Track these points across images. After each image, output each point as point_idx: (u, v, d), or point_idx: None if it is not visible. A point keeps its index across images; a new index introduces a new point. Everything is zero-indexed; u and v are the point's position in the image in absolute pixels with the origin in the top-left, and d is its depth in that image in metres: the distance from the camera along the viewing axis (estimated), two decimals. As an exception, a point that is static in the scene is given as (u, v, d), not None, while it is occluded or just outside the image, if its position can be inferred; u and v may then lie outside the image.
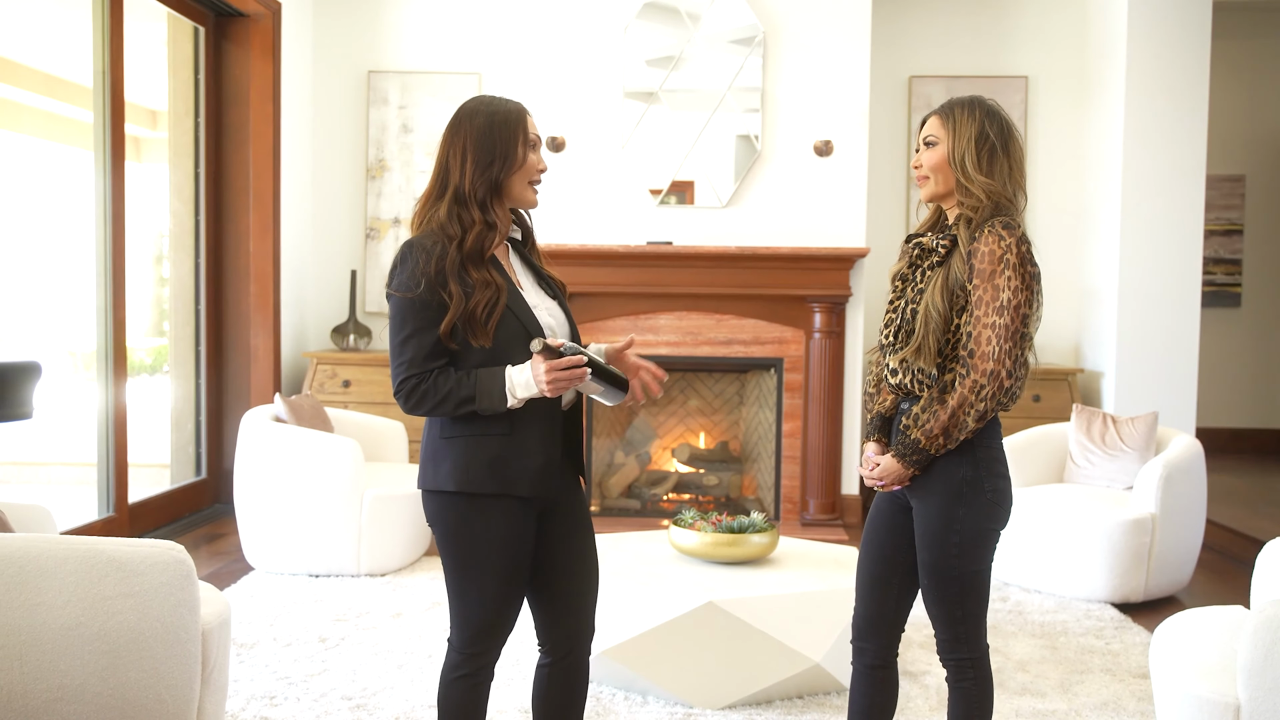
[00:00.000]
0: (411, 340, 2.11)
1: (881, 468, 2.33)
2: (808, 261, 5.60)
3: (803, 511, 5.72)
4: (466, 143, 2.15)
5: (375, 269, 6.44)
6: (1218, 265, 8.01)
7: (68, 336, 5.30)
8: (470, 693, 2.20)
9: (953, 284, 2.24)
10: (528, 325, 2.16)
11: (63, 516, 4.46)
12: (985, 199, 2.25)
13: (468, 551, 2.16)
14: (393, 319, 2.15)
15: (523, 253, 2.32)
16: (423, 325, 2.11)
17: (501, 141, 2.16)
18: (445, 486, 2.15)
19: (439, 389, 2.11)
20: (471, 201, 2.14)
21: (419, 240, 2.14)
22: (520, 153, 2.18)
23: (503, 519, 2.15)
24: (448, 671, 2.22)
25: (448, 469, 2.15)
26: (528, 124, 2.20)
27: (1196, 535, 4.61)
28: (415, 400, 2.13)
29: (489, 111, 2.18)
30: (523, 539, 2.18)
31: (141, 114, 5.75)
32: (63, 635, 2.21)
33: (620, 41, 5.75)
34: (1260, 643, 2.26)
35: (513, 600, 2.20)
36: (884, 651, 2.42)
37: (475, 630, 2.18)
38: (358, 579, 4.60)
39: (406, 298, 2.11)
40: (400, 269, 2.13)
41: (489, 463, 2.13)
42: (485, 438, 2.14)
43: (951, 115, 2.30)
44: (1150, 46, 5.87)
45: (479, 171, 2.14)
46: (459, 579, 2.18)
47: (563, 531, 2.27)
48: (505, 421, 2.14)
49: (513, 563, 2.17)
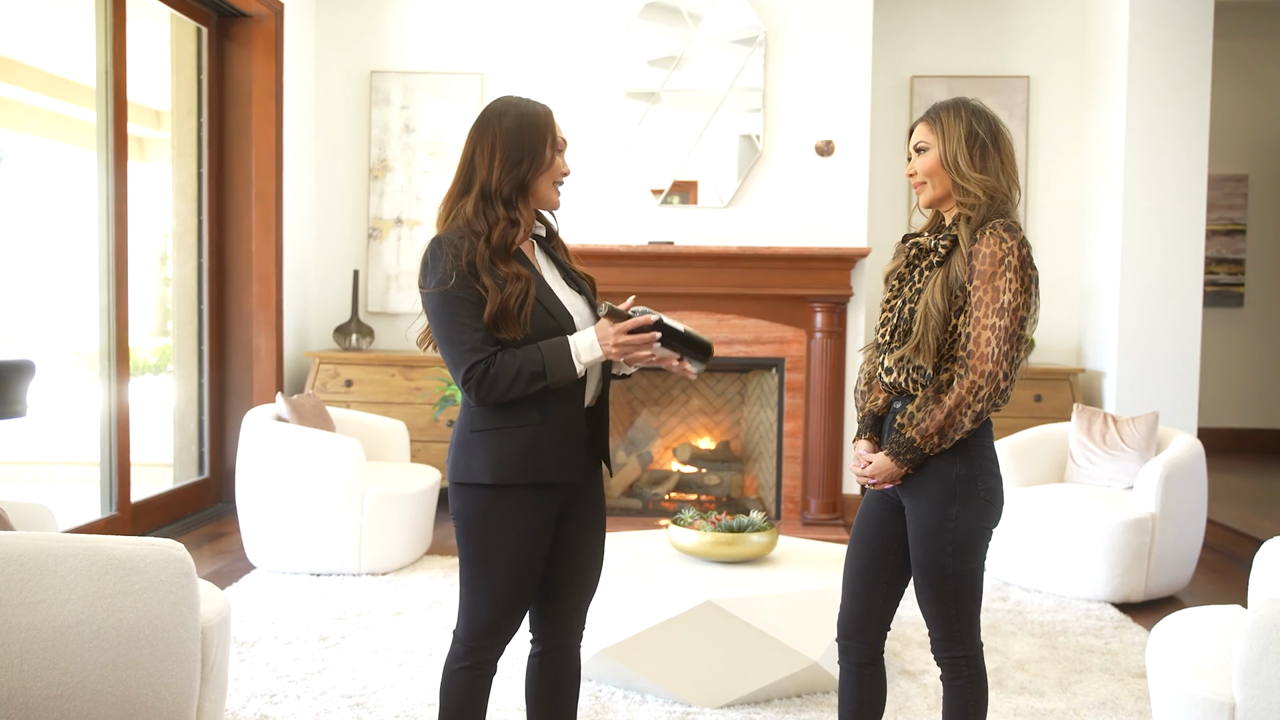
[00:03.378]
0: (465, 329, 2.10)
1: (874, 466, 2.33)
2: (809, 261, 5.61)
3: (804, 511, 5.73)
4: (495, 141, 2.16)
5: (377, 269, 6.45)
6: (1220, 265, 8.01)
7: (71, 336, 5.32)
8: (472, 684, 2.21)
9: (953, 283, 2.25)
10: (558, 317, 2.17)
11: (65, 515, 4.49)
12: (983, 195, 2.26)
13: (487, 545, 2.16)
14: (436, 316, 2.14)
15: (549, 249, 2.33)
16: (469, 315, 2.10)
17: (530, 141, 2.17)
18: (480, 479, 2.15)
19: (508, 367, 2.09)
20: (497, 199, 2.15)
21: (446, 237, 2.15)
22: (548, 154, 2.19)
23: (527, 514, 2.16)
24: (451, 662, 2.23)
25: (482, 462, 2.15)
26: (555, 127, 2.21)
27: (1197, 535, 4.61)
28: (488, 384, 2.10)
29: (519, 112, 2.19)
30: (542, 537, 2.19)
31: (145, 114, 5.77)
32: (63, 633, 2.22)
33: (622, 41, 5.76)
34: (1256, 642, 2.27)
35: (523, 599, 2.21)
36: (870, 649, 2.43)
37: (483, 625, 2.19)
38: (359, 578, 4.61)
39: (446, 292, 2.10)
40: (433, 266, 2.13)
41: (522, 453, 2.14)
42: (518, 429, 2.14)
43: (938, 119, 2.31)
44: (1152, 46, 5.87)
45: (506, 170, 2.15)
46: (473, 573, 2.19)
47: (578, 527, 2.29)
48: (535, 412, 2.14)
49: (529, 561, 2.18)
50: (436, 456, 6.01)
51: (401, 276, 6.45)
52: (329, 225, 6.52)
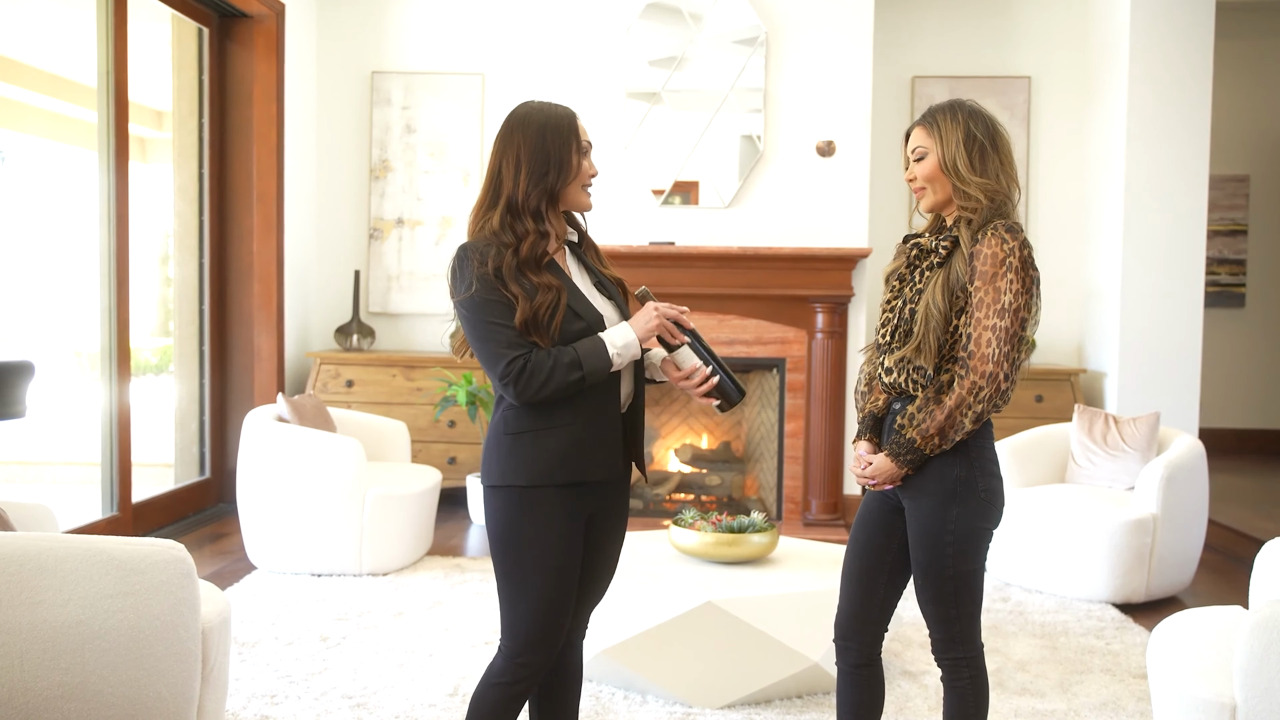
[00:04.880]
0: (498, 328, 2.09)
1: (874, 466, 2.33)
2: (810, 262, 5.61)
3: (805, 512, 5.73)
4: (520, 153, 2.14)
5: (378, 269, 6.45)
6: (1222, 265, 8.00)
7: (73, 336, 5.32)
8: (506, 702, 2.18)
9: (954, 284, 2.24)
10: (587, 318, 2.16)
11: (67, 516, 4.49)
12: (984, 198, 2.25)
13: (522, 550, 2.14)
14: (470, 321, 2.12)
15: (579, 254, 2.31)
16: (501, 315, 2.09)
17: (555, 150, 2.14)
18: (514, 481, 2.14)
19: (544, 362, 2.08)
20: (525, 212, 2.13)
21: (473, 244, 2.13)
22: (575, 161, 2.16)
23: (560, 517, 2.14)
24: (490, 675, 2.19)
25: (516, 464, 2.13)
26: (579, 130, 2.19)
27: (1198, 536, 4.61)
28: (526, 378, 2.07)
29: (542, 120, 2.16)
30: (576, 540, 2.18)
31: (147, 114, 5.77)
32: (63, 633, 2.22)
33: (623, 42, 5.76)
34: (1257, 643, 2.26)
35: (562, 606, 2.17)
36: (868, 650, 2.42)
37: (523, 637, 2.15)
38: (360, 578, 4.61)
39: (475, 296, 2.09)
40: (461, 273, 2.12)
41: (556, 455, 2.13)
42: (552, 430, 2.13)
43: (935, 123, 2.31)
44: (1153, 46, 5.87)
45: (533, 182, 2.13)
46: (510, 583, 2.17)
47: (602, 530, 2.28)
48: (569, 413, 2.13)
49: (565, 565, 2.16)
50: (437, 457, 6.02)
51: (402, 277, 6.45)
52: (330, 225, 6.52)
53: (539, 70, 6.18)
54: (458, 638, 3.87)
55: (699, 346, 2.22)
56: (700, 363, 2.22)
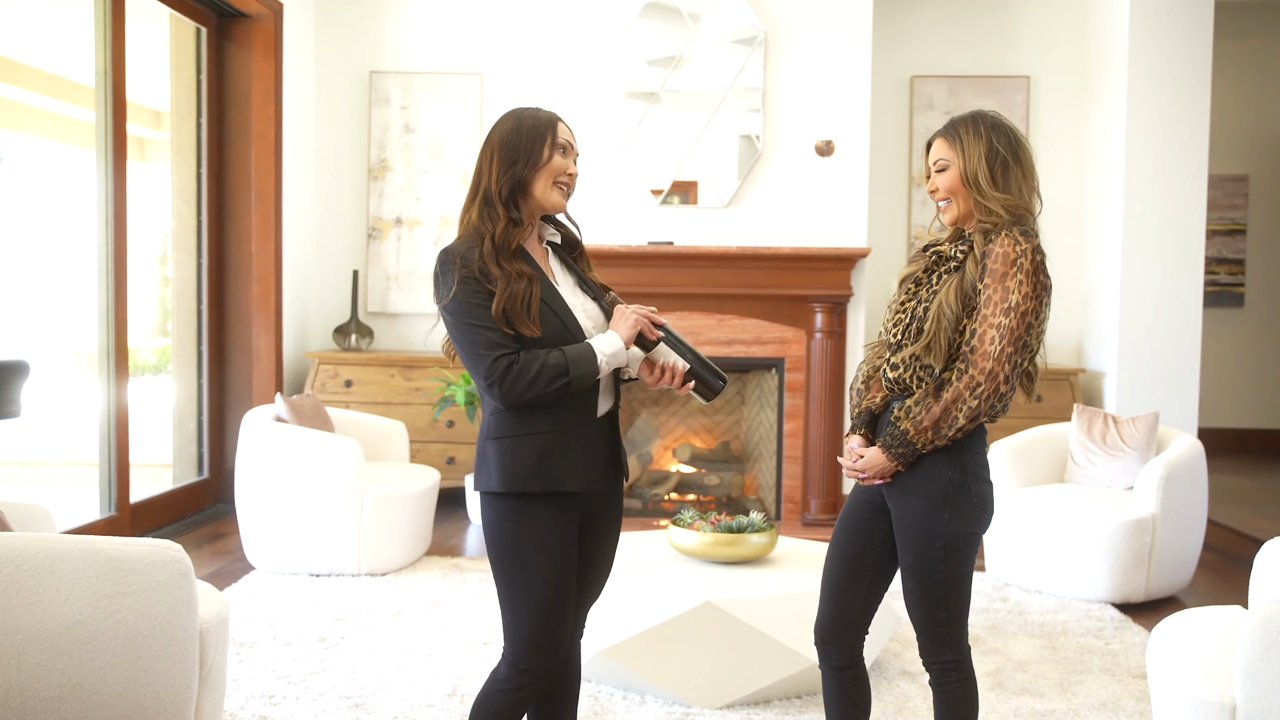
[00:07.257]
0: (482, 330, 2.11)
1: (866, 459, 2.32)
2: (809, 261, 5.61)
3: (804, 511, 5.72)
4: (495, 146, 2.20)
5: (377, 269, 6.45)
6: (1221, 265, 8.00)
7: (71, 336, 5.32)
8: (509, 709, 2.19)
9: (967, 286, 2.24)
10: (566, 322, 2.18)
11: (65, 516, 4.49)
12: (1004, 214, 2.25)
13: (514, 557, 2.16)
14: (455, 325, 2.15)
15: (564, 258, 2.33)
16: (484, 317, 2.11)
17: (527, 140, 2.19)
18: (494, 488, 2.16)
19: (530, 364, 2.09)
20: (497, 200, 2.17)
21: (454, 247, 2.17)
22: (545, 152, 2.20)
23: (548, 524, 2.15)
24: (493, 683, 2.20)
25: (497, 469, 2.15)
26: (557, 128, 2.23)
27: (1198, 535, 4.61)
28: (510, 379, 2.09)
29: (518, 117, 2.23)
30: (568, 547, 2.18)
31: (145, 114, 5.76)
32: (60, 634, 2.22)
33: (621, 41, 5.76)
34: (1257, 643, 2.26)
35: (560, 612, 2.18)
36: (849, 652, 2.42)
37: (523, 643, 2.17)
38: (358, 578, 4.61)
39: (459, 300, 2.12)
40: (443, 277, 2.15)
41: (535, 461, 2.14)
42: (531, 436, 2.14)
43: (957, 135, 2.30)
44: (1152, 46, 5.86)
45: (503, 170, 2.18)
46: (508, 589, 2.18)
47: (594, 534, 2.29)
48: (548, 419, 2.14)
49: (559, 572, 2.16)
50: (436, 457, 6.01)
51: (401, 277, 6.45)
52: (329, 225, 6.52)
53: (537, 70, 6.18)
54: (456, 638, 3.87)
55: (674, 340, 2.24)
56: (677, 356, 2.24)
